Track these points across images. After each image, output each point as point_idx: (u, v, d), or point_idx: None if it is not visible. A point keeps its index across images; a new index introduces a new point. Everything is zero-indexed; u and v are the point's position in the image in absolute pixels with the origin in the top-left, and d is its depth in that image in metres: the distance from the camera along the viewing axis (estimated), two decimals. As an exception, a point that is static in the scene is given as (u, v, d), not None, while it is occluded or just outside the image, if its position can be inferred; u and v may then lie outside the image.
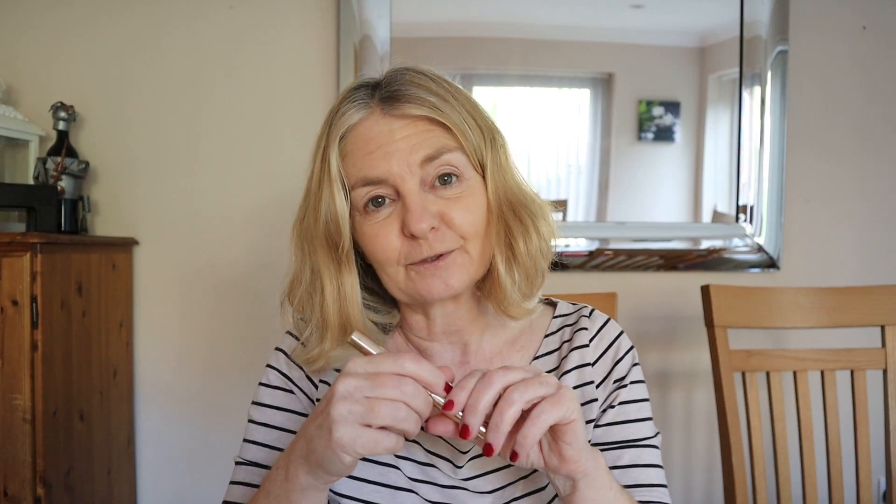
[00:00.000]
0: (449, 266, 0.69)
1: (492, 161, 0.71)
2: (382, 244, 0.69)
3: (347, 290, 0.71)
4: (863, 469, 1.25)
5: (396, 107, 0.68)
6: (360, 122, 0.69)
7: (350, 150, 0.69)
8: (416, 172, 0.67)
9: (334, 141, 0.69)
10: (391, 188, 0.68)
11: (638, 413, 0.76)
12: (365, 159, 0.68)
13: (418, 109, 0.68)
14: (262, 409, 0.78)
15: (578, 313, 0.81)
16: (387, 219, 0.69)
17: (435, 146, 0.68)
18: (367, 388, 0.55)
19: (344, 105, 0.70)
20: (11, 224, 1.46)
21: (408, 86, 0.69)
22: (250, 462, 0.76)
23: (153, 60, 1.57)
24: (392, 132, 0.68)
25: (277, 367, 0.80)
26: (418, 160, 0.67)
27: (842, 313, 1.30)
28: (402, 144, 0.67)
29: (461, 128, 0.69)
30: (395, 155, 0.67)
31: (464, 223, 0.69)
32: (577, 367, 0.77)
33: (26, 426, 1.21)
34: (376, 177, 0.67)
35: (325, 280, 0.71)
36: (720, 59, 1.63)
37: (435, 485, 0.73)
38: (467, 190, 0.70)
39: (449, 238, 0.68)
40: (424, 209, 0.67)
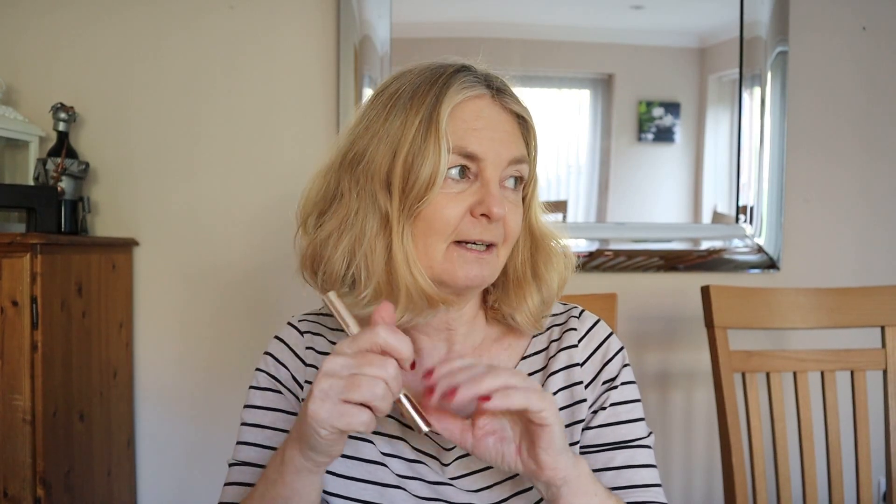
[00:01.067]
0: (490, 260, 0.71)
1: (532, 189, 0.77)
2: (448, 214, 0.68)
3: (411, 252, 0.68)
4: (863, 469, 1.25)
5: (506, 99, 0.74)
6: (475, 98, 0.72)
7: (456, 116, 0.70)
8: (502, 167, 0.71)
9: (449, 103, 0.69)
10: (475, 168, 0.70)
11: (629, 414, 0.76)
12: (470, 133, 0.70)
13: (522, 110, 0.75)
14: (253, 410, 0.80)
15: (568, 313, 0.81)
16: (460, 194, 0.69)
17: (521, 151, 0.73)
18: (352, 366, 0.58)
19: (460, 76, 0.71)
20: (11, 225, 1.46)
21: (508, 86, 0.76)
22: (242, 462, 0.77)
23: (153, 61, 1.57)
24: (500, 121, 0.72)
25: (265, 369, 0.81)
26: (509, 157, 0.71)
27: (842, 314, 1.30)
28: (504, 136, 0.72)
29: (534, 145, 0.76)
30: (496, 141, 0.71)
31: (513, 224, 0.73)
32: (566, 367, 0.77)
33: (26, 427, 1.21)
34: (474, 152, 0.69)
35: (395, 233, 0.68)
36: (720, 59, 1.63)
37: (423, 481, 0.74)
38: (517, 200, 0.75)
39: (498, 232, 0.72)
40: (504, 198, 0.71)
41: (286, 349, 0.81)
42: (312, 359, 0.80)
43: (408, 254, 0.68)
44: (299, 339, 0.82)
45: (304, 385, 0.79)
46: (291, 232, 0.78)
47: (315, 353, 0.80)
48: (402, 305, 0.68)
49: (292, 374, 0.80)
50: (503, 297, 0.78)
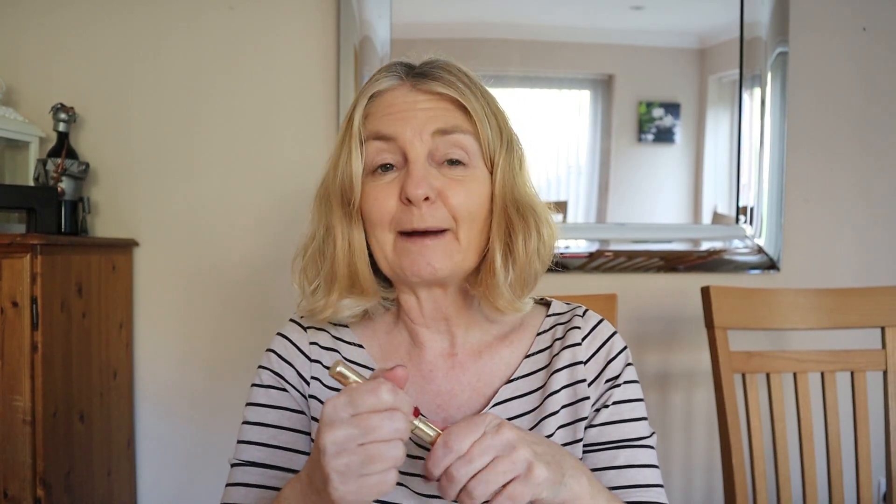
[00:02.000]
0: (436, 247, 0.71)
1: (504, 161, 0.74)
2: (380, 205, 0.72)
3: (356, 244, 0.74)
4: (863, 470, 1.25)
5: (424, 82, 0.73)
6: (389, 89, 0.74)
7: (373, 111, 0.73)
8: (427, 142, 0.71)
9: (362, 102, 0.74)
10: (400, 153, 0.71)
11: (632, 413, 0.76)
12: (383, 118, 0.72)
13: (444, 88, 0.72)
14: (257, 408, 0.79)
15: (572, 312, 0.82)
16: (390, 183, 0.72)
17: (451, 122, 0.72)
18: (358, 436, 0.53)
19: (379, 73, 0.75)
20: (11, 225, 1.46)
21: (440, 70, 0.74)
22: (248, 462, 0.77)
23: (153, 61, 1.57)
24: (415, 102, 0.72)
25: (269, 366, 0.81)
26: (431, 130, 0.71)
27: (842, 314, 1.30)
28: (420, 114, 0.71)
29: (479, 116, 0.73)
30: (411, 121, 0.71)
31: (459, 204, 0.71)
32: (569, 365, 0.77)
33: (26, 427, 1.21)
34: (388, 134, 0.71)
35: (338, 234, 0.74)
36: (720, 60, 1.63)
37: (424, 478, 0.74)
38: (471, 176, 0.73)
39: (440, 215, 0.71)
40: (424, 178, 0.70)
41: (290, 346, 0.81)
42: (317, 354, 0.80)
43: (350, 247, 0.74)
44: (303, 334, 0.82)
45: (310, 381, 0.79)
46: (292, 231, 0.80)
47: (319, 349, 0.80)
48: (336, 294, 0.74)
49: (298, 371, 0.79)
50: (476, 279, 0.75)
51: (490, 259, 0.73)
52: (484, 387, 0.77)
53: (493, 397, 0.76)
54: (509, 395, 0.76)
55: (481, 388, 0.77)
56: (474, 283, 0.76)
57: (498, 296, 0.73)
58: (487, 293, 0.74)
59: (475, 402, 0.77)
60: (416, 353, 0.79)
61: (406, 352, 0.80)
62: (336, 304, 0.75)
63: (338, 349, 0.80)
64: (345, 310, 0.76)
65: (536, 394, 0.77)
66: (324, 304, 0.75)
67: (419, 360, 0.79)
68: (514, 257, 0.73)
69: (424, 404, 0.77)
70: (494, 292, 0.73)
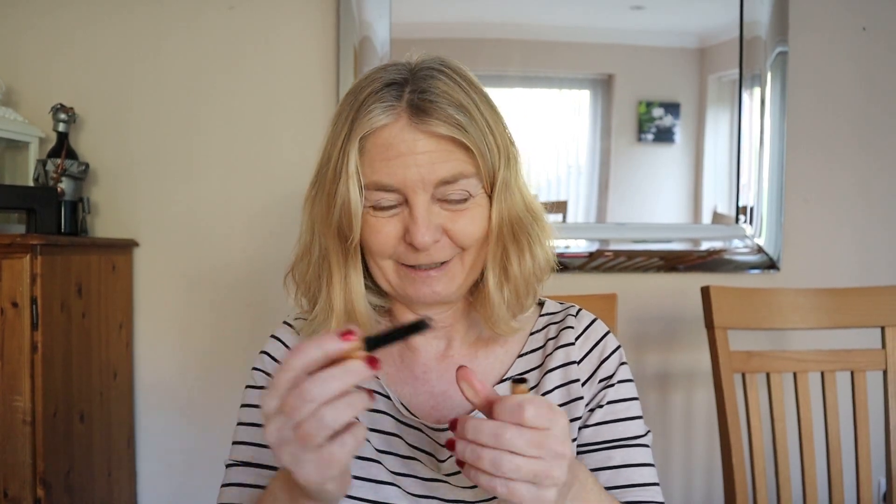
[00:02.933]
0: (440, 277, 0.71)
1: (502, 181, 0.71)
2: (382, 240, 0.70)
3: (353, 283, 0.72)
4: (863, 470, 1.25)
5: (424, 120, 0.67)
6: (385, 127, 0.68)
7: (369, 149, 0.68)
8: (429, 189, 0.68)
9: (356, 138, 0.68)
10: (402, 195, 0.68)
11: (626, 412, 0.76)
12: (382, 164, 0.67)
13: (445, 129, 0.66)
14: (251, 409, 0.80)
15: (565, 312, 0.82)
16: (391, 218, 0.69)
17: (453, 171, 0.68)
18: (286, 422, 0.51)
19: (371, 103, 0.68)
20: (11, 226, 1.46)
21: (438, 96, 0.67)
22: (242, 462, 0.77)
23: (153, 61, 1.57)
24: (415, 144, 0.67)
25: (263, 368, 0.81)
26: (434, 180, 0.67)
27: (842, 314, 1.30)
28: (421, 159, 0.67)
29: (482, 151, 0.69)
30: (412, 168, 0.67)
31: (464, 235, 0.70)
32: (562, 365, 0.77)
33: (26, 427, 1.21)
34: (390, 185, 0.68)
35: (334, 267, 0.72)
36: (720, 60, 1.63)
37: (417, 478, 0.74)
38: (472, 205, 0.70)
39: (447, 249, 0.70)
40: (430, 222, 0.68)
41: (283, 348, 0.82)
42: None
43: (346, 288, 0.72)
44: (295, 337, 0.82)
45: None
46: (291, 233, 0.79)
47: None
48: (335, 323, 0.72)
49: None
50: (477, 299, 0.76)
51: (485, 285, 0.73)
52: None
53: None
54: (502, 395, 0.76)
55: None
56: (474, 304, 0.76)
57: (497, 320, 0.74)
58: (487, 318, 0.75)
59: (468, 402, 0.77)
60: (409, 356, 0.79)
61: (399, 354, 0.80)
62: None
63: None
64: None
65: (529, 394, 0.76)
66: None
67: (412, 363, 0.79)
68: (510, 280, 0.73)
69: (418, 405, 0.77)
70: (493, 317, 0.74)
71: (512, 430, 0.53)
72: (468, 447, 0.54)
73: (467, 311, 0.79)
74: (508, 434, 0.53)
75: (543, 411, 0.54)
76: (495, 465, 0.53)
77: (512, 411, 0.54)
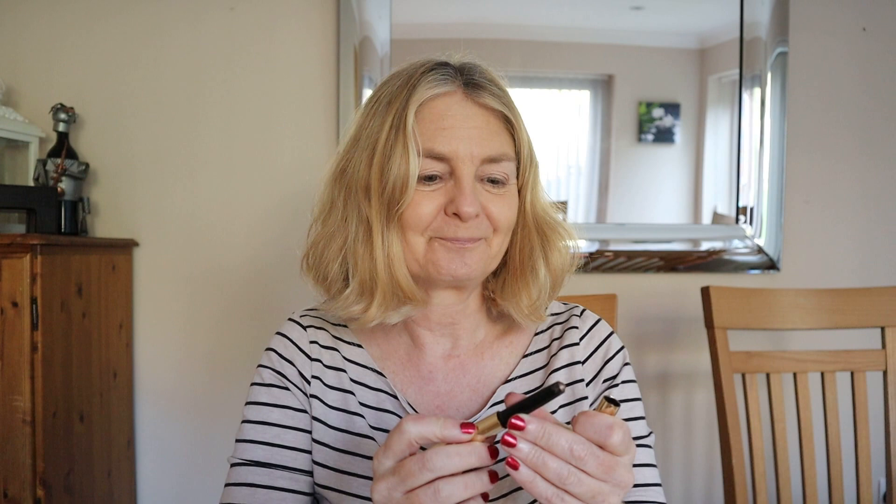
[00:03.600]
0: (474, 251, 0.71)
1: (531, 174, 0.75)
2: (421, 212, 0.70)
3: (395, 252, 0.71)
4: (863, 470, 1.25)
5: (479, 94, 0.71)
6: (442, 96, 0.71)
7: (425, 117, 0.70)
8: (476, 164, 0.70)
9: (415, 104, 0.70)
10: (448, 167, 0.70)
11: (630, 412, 0.77)
12: (437, 133, 0.70)
13: (497, 104, 0.72)
14: (258, 407, 0.78)
15: (570, 312, 0.82)
16: (433, 192, 0.71)
17: (500, 150, 0.71)
18: (399, 484, 0.53)
19: (430, 74, 0.71)
20: (11, 225, 1.46)
21: (488, 80, 0.73)
22: (251, 462, 0.76)
23: (153, 62, 1.57)
24: (468, 117, 0.71)
25: (270, 365, 0.80)
26: (482, 155, 0.70)
27: (842, 315, 1.30)
28: (474, 133, 0.70)
29: (522, 137, 0.74)
30: (465, 140, 0.69)
31: (500, 217, 0.72)
32: (567, 365, 0.77)
33: (26, 428, 1.21)
34: (442, 153, 0.69)
35: (376, 236, 0.71)
36: (720, 60, 1.63)
37: None
38: (508, 192, 0.74)
39: (483, 227, 0.72)
40: (475, 197, 0.70)
41: (290, 344, 0.81)
42: (317, 353, 0.80)
43: (389, 255, 0.71)
44: (302, 333, 0.81)
45: (310, 380, 0.78)
46: (292, 232, 0.79)
47: (319, 347, 0.80)
48: (378, 302, 0.71)
49: (298, 370, 0.79)
50: (499, 288, 0.78)
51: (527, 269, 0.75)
52: (482, 387, 0.78)
53: (491, 398, 0.76)
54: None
55: (480, 389, 0.77)
56: (500, 295, 0.77)
57: (536, 308, 0.75)
58: (520, 304, 0.75)
59: (474, 402, 0.77)
60: (415, 355, 0.79)
61: (405, 353, 0.80)
62: (385, 314, 0.72)
63: (338, 348, 0.80)
64: (397, 316, 0.74)
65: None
66: (362, 309, 0.72)
67: (419, 361, 0.79)
68: (551, 268, 0.76)
69: (423, 405, 0.77)
70: (531, 304, 0.75)
71: (590, 449, 0.52)
72: (535, 451, 0.52)
73: (476, 309, 0.79)
74: (586, 453, 0.52)
75: (627, 438, 0.53)
76: (560, 478, 0.52)
77: (599, 431, 0.52)
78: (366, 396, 0.78)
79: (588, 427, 0.53)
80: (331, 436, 0.77)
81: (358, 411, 0.77)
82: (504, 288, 0.77)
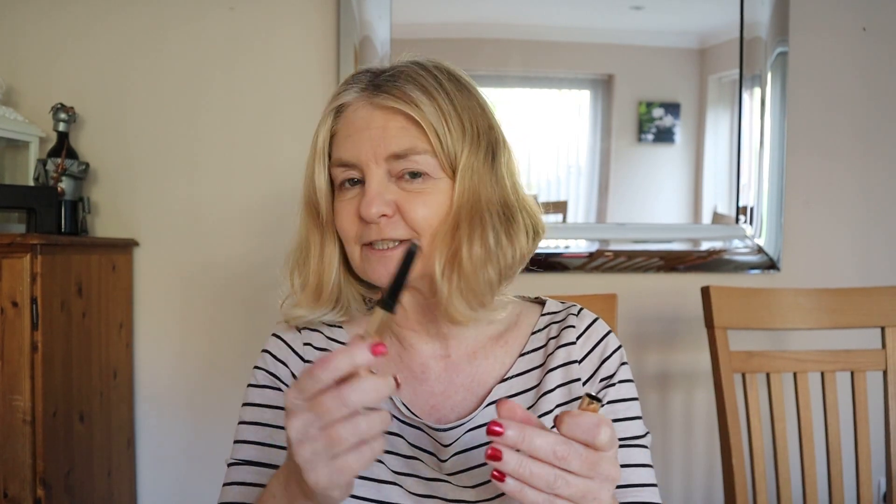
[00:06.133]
0: (394, 257, 0.70)
1: (466, 165, 0.70)
2: (342, 221, 0.73)
3: (327, 255, 0.76)
4: (863, 470, 1.25)
5: (378, 95, 0.72)
6: (349, 104, 0.74)
7: (338, 128, 0.75)
8: (382, 164, 0.71)
9: (328, 117, 0.75)
10: (360, 172, 0.72)
11: (627, 412, 0.76)
12: (344, 140, 0.73)
13: (396, 103, 0.70)
14: (252, 408, 0.80)
15: (567, 311, 0.82)
16: (352, 199, 0.73)
17: (404, 146, 0.70)
18: (314, 420, 0.51)
19: (346, 84, 0.75)
20: (11, 225, 1.46)
21: (402, 79, 0.71)
22: (244, 461, 0.77)
23: (153, 62, 1.57)
24: (370, 121, 0.72)
25: (264, 367, 0.81)
26: (384, 154, 0.70)
27: (842, 314, 1.30)
28: (374, 134, 0.71)
29: (437, 130, 0.70)
30: (366, 143, 0.71)
31: (417, 217, 0.70)
32: (564, 364, 0.77)
33: (26, 427, 1.21)
34: (349, 160, 0.72)
35: (312, 245, 0.77)
36: (720, 60, 1.63)
37: (419, 477, 0.74)
38: (431, 187, 0.71)
39: (400, 228, 0.71)
40: (379, 196, 0.70)
41: (284, 346, 0.82)
42: (311, 355, 0.80)
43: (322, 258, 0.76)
44: (296, 335, 0.82)
45: None
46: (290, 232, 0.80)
47: (313, 350, 0.81)
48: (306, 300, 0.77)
49: (292, 371, 0.80)
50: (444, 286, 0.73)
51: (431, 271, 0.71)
52: (477, 387, 0.77)
53: (487, 397, 0.76)
54: (503, 394, 0.76)
55: (475, 388, 0.77)
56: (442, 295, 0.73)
57: (448, 308, 0.71)
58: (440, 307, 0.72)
59: (469, 401, 0.77)
60: (406, 356, 0.80)
61: (396, 353, 0.80)
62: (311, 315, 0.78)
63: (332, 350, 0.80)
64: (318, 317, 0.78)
65: (531, 393, 0.77)
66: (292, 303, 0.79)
67: (412, 363, 0.79)
68: (460, 267, 0.69)
69: (418, 405, 0.77)
70: (444, 305, 0.71)
71: (572, 448, 0.52)
72: (523, 462, 0.52)
73: None
74: (568, 453, 0.52)
75: (612, 434, 0.53)
76: (548, 483, 0.52)
77: (587, 431, 0.52)
78: None
79: (575, 427, 0.53)
80: None
81: None
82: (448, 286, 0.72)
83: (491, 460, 0.52)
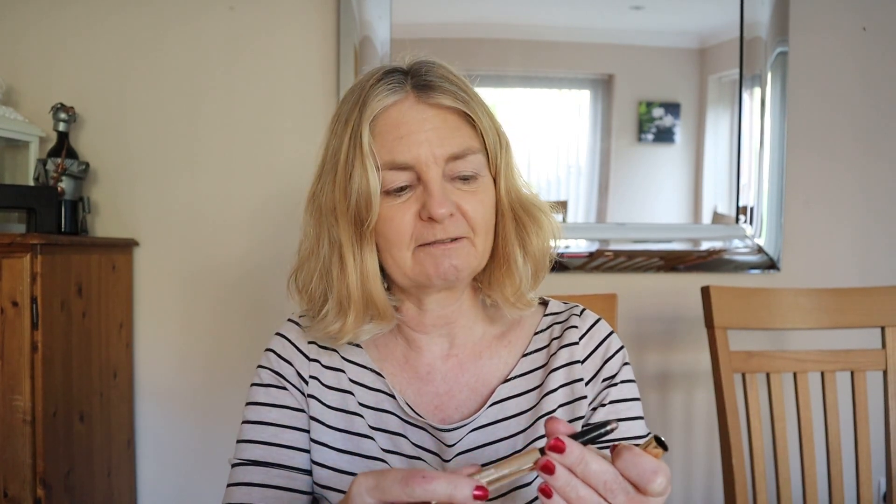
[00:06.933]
0: (459, 250, 0.71)
1: (504, 164, 0.75)
2: (398, 225, 0.71)
3: (369, 267, 0.73)
4: (863, 470, 1.25)
5: (430, 95, 0.71)
6: (393, 105, 0.71)
7: (381, 130, 0.71)
8: (441, 164, 0.70)
9: (367, 119, 0.70)
10: (414, 174, 0.70)
11: (628, 412, 0.77)
12: (395, 143, 0.70)
13: (451, 101, 0.71)
14: (257, 407, 0.79)
15: (569, 311, 0.82)
16: (405, 202, 0.71)
17: (462, 146, 0.71)
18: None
19: (378, 86, 0.72)
20: (11, 225, 1.46)
21: (439, 78, 0.72)
22: (250, 461, 0.76)
23: (153, 61, 1.57)
24: (424, 120, 0.70)
25: (269, 365, 0.81)
26: (444, 155, 0.70)
27: (842, 314, 1.30)
28: (431, 135, 0.70)
29: (486, 129, 0.73)
30: (424, 144, 0.70)
31: (476, 215, 0.72)
32: (566, 364, 0.77)
33: (26, 427, 1.21)
34: (404, 162, 0.70)
35: (347, 254, 0.72)
36: (720, 60, 1.63)
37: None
38: (481, 187, 0.73)
39: (461, 226, 0.71)
40: (446, 197, 0.69)
41: (289, 345, 0.81)
42: (315, 353, 0.80)
43: (362, 272, 0.72)
44: (301, 334, 0.82)
45: (308, 380, 0.79)
46: (292, 231, 0.79)
47: (318, 348, 0.81)
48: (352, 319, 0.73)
49: (297, 370, 0.80)
50: (486, 279, 0.78)
51: (507, 259, 0.75)
52: (481, 386, 0.78)
53: (490, 397, 0.76)
54: (506, 395, 0.77)
55: (479, 388, 0.78)
56: (490, 284, 0.77)
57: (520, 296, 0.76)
58: (508, 295, 0.76)
59: (473, 401, 0.77)
60: (412, 356, 0.80)
61: (402, 354, 0.80)
62: (355, 330, 0.74)
63: (336, 349, 0.80)
64: (365, 334, 0.76)
65: (533, 393, 0.77)
66: (339, 328, 0.74)
67: (416, 363, 0.79)
68: (529, 255, 0.75)
69: (422, 405, 0.77)
70: (517, 292, 0.75)
71: (623, 484, 0.51)
72: (572, 482, 0.51)
73: (471, 306, 0.80)
74: (618, 487, 0.51)
75: (667, 483, 0.52)
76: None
77: (642, 475, 0.51)
78: (365, 396, 0.78)
79: (631, 467, 0.51)
80: (330, 436, 0.77)
81: (357, 411, 0.77)
82: (491, 279, 0.77)
83: (544, 472, 0.52)
